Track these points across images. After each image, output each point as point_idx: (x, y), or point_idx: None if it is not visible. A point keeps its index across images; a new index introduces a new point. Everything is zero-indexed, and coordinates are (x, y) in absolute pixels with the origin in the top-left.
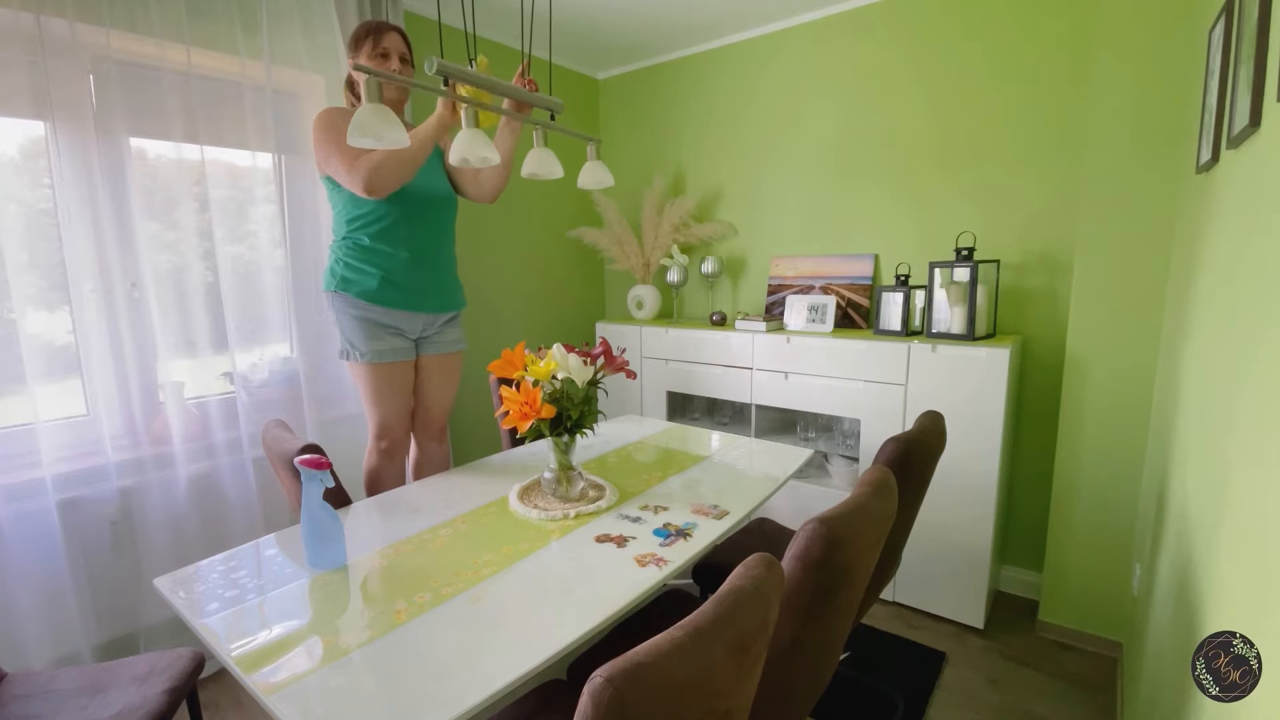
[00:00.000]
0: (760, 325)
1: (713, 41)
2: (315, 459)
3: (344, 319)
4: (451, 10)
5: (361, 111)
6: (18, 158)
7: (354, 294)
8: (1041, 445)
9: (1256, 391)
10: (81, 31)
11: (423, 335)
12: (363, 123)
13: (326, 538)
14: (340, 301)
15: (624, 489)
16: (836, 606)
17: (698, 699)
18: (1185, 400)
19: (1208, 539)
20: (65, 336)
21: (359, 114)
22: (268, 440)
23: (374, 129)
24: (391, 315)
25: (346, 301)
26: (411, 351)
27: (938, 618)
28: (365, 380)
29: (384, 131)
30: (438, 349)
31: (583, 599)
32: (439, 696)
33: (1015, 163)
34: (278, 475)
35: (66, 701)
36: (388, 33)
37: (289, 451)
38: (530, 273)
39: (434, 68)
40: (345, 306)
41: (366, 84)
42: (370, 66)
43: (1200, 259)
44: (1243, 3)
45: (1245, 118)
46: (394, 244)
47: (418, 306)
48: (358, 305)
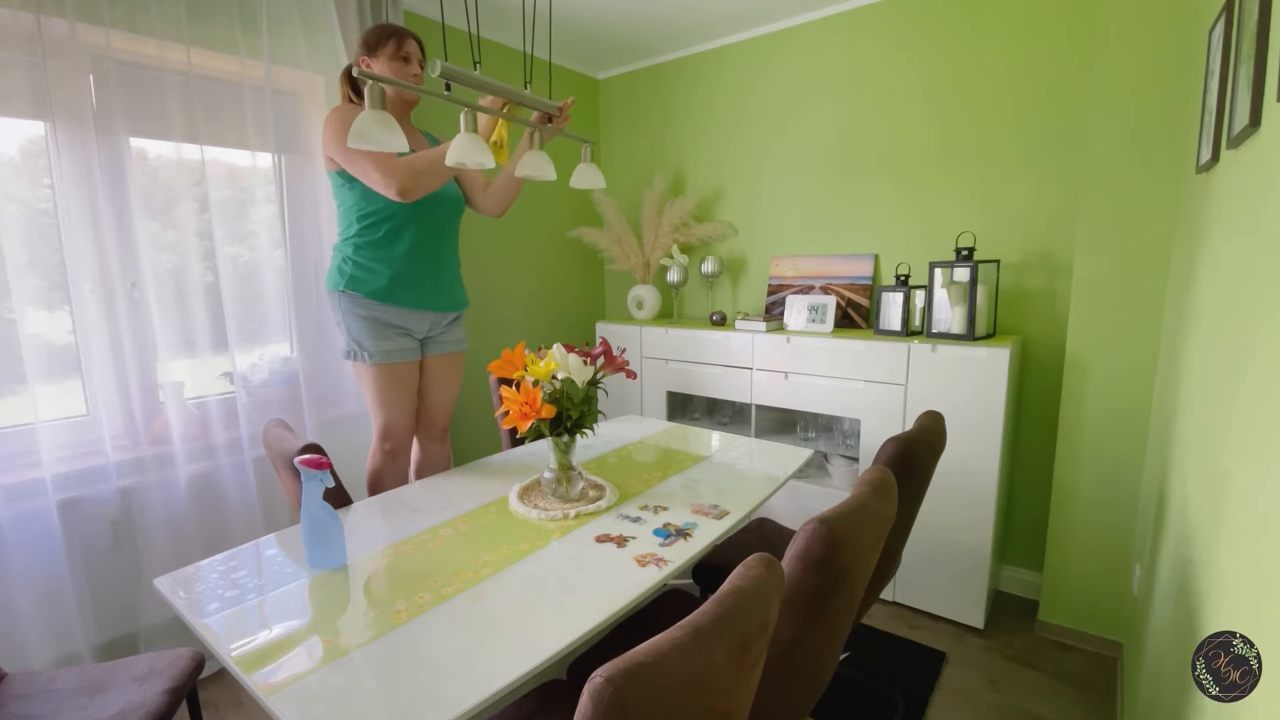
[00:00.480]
0: (760, 325)
1: (713, 41)
2: (315, 459)
3: (351, 319)
4: (452, 10)
5: (363, 118)
6: (18, 158)
7: (364, 293)
8: (1041, 445)
9: (1257, 391)
10: (81, 31)
11: (429, 335)
12: (363, 130)
13: (326, 538)
14: (347, 301)
15: (624, 489)
16: (836, 606)
17: (698, 699)
18: (1185, 400)
19: (1208, 539)
20: (65, 336)
21: (360, 119)
22: (269, 440)
23: (375, 136)
24: (401, 315)
25: (354, 301)
26: (417, 352)
27: (938, 618)
28: (371, 381)
29: (385, 139)
30: (442, 349)
31: (583, 599)
32: (439, 696)
33: (1016, 162)
34: (278, 475)
35: (66, 701)
36: (409, 38)
37: (289, 451)
38: (530, 273)
39: (437, 70)
40: (353, 306)
41: (370, 90)
42: (376, 73)
43: (1200, 259)
44: (1243, 3)
45: (1245, 118)
46: (404, 243)
47: (427, 305)
48: (366, 305)
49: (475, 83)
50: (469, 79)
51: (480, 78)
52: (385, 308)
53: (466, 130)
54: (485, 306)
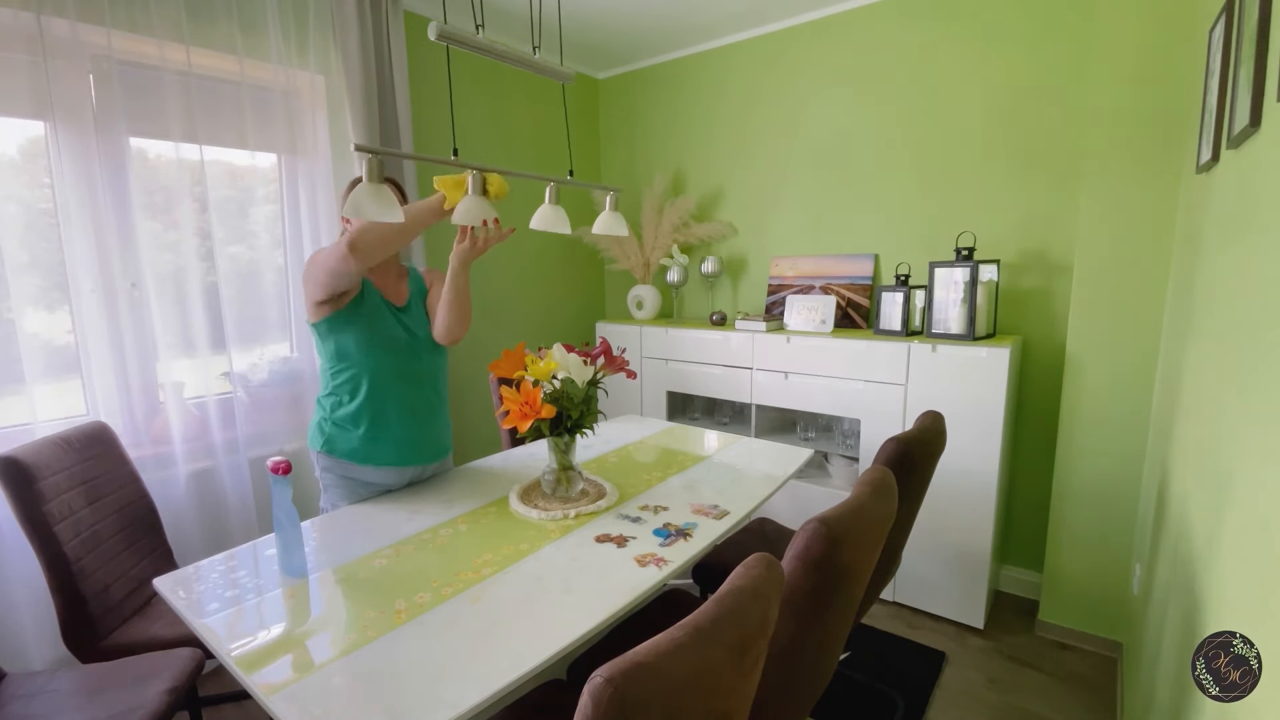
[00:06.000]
0: (760, 325)
1: (713, 41)
2: (279, 462)
3: (328, 477)
4: (453, 10)
5: (359, 191)
6: (18, 158)
7: (339, 454)
8: (1041, 445)
9: (1257, 391)
10: (81, 31)
11: (411, 482)
12: (359, 203)
13: (287, 545)
14: (325, 460)
15: (624, 489)
16: (836, 606)
17: (698, 699)
18: (1185, 400)
19: (1208, 539)
20: (65, 336)
21: (356, 193)
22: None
23: (369, 210)
24: (379, 473)
25: (332, 461)
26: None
27: (938, 618)
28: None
29: (379, 211)
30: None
31: (583, 599)
32: (439, 696)
33: (1015, 163)
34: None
35: (66, 701)
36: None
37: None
38: (530, 273)
39: (435, 33)
40: (331, 465)
41: (368, 164)
42: (370, 147)
43: (1200, 259)
44: (1243, 3)
45: (1245, 118)
46: (379, 399)
47: (407, 461)
48: (343, 465)
49: (477, 46)
50: (472, 41)
51: (479, 40)
52: (361, 468)
53: (474, 193)
54: (485, 306)
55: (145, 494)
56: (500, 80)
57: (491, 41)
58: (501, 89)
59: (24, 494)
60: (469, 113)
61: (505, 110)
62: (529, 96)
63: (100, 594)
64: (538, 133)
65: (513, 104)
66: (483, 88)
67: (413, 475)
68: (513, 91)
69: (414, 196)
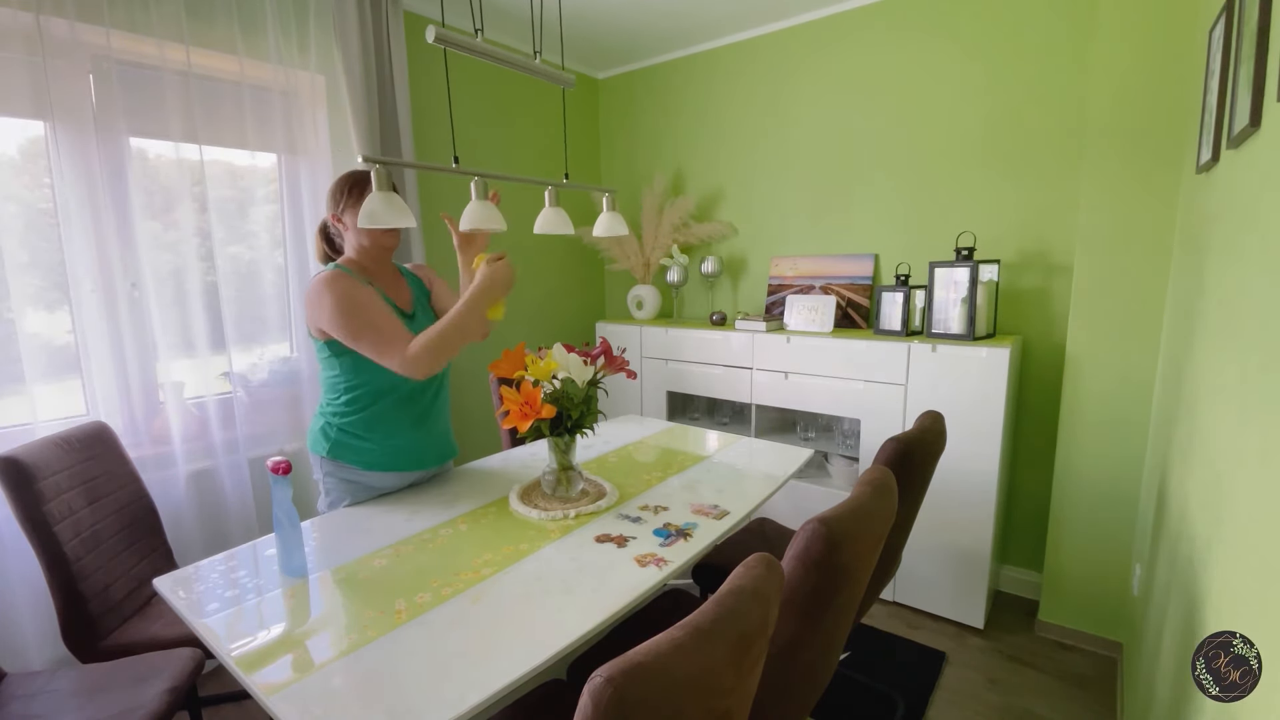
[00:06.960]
0: (760, 325)
1: (713, 41)
2: (279, 462)
3: (331, 480)
4: (453, 10)
5: (371, 200)
6: (18, 158)
7: (348, 462)
8: (1041, 445)
9: (1257, 391)
10: (81, 31)
11: (412, 484)
12: (373, 211)
13: (287, 545)
14: (330, 465)
15: (624, 489)
16: (836, 606)
17: (698, 699)
18: (1186, 400)
19: (1208, 539)
20: (65, 336)
21: (368, 202)
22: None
23: (383, 218)
24: (385, 478)
25: (338, 467)
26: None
27: (938, 618)
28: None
29: (393, 218)
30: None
31: (583, 599)
32: (439, 696)
33: (1015, 163)
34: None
35: (66, 701)
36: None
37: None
38: (530, 273)
39: (432, 36)
40: (336, 470)
41: (377, 174)
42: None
43: (1200, 259)
44: (1243, 3)
45: (1245, 118)
46: (394, 412)
47: (416, 466)
48: (350, 470)
49: (476, 50)
50: (471, 46)
51: (476, 43)
52: (367, 474)
53: (478, 199)
54: None
55: (145, 494)
56: (501, 80)
57: (491, 46)
58: (502, 88)
59: (24, 494)
60: (469, 113)
61: (506, 110)
62: (529, 96)
63: (100, 594)
64: (538, 132)
65: (513, 103)
66: (483, 87)
67: (416, 477)
68: (513, 91)
69: (413, 196)
